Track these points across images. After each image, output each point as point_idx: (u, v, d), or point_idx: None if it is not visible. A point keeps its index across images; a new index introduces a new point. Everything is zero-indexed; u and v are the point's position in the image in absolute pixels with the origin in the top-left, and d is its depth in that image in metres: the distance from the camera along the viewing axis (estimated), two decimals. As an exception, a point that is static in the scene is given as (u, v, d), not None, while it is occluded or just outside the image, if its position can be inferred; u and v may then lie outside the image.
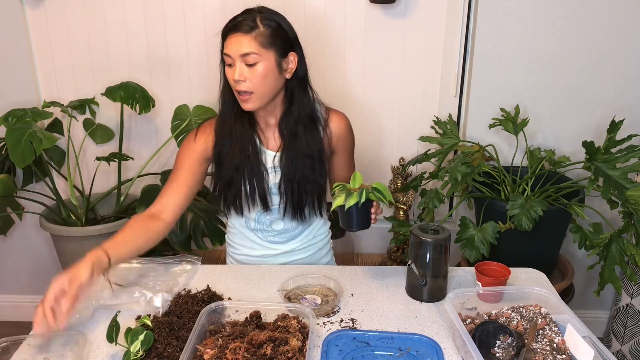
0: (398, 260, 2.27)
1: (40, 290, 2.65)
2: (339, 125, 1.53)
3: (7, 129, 1.87)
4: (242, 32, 1.33)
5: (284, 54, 1.39)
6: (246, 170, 1.47)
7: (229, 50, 1.35)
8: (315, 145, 1.48)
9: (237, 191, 1.49)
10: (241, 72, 1.34)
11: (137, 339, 1.12)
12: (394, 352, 1.19)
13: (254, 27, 1.34)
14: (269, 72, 1.36)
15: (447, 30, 2.13)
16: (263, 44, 1.34)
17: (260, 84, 1.35)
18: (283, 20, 1.41)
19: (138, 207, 1.96)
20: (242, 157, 1.46)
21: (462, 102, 2.22)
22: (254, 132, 1.49)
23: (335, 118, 1.53)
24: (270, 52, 1.35)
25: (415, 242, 1.36)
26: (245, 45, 1.33)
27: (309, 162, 1.47)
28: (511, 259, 1.62)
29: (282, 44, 1.37)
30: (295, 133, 1.46)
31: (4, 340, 1.19)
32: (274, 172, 1.50)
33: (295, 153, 1.47)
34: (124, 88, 2.07)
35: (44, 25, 2.19)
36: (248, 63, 1.34)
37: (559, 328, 1.21)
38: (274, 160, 1.49)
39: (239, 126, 1.46)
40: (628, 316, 2.20)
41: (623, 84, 2.09)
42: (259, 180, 1.48)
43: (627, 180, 1.66)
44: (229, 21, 1.38)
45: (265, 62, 1.34)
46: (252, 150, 1.47)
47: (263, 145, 1.50)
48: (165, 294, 1.34)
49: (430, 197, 1.93)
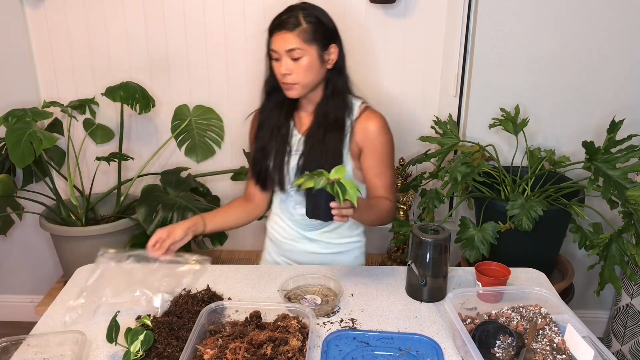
0: (398, 260, 2.27)
1: (41, 290, 2.67)
2: (368, 124, 1.54)
3: (7, 129, 1.87)
4: (286, 29, 1.43)
5: (325, 47, 1.48)
6: (273, 151, 1.58)
7: (276, 47, 1.46)
8: (335, 129, 1.53)
9: (262, 169, 1.60)
10: (287, 66, 1.46)
11: (137, 339, 1.12)
12: (394, 352, 1.19)
13: (297, 24, 1.43)
14: (312, 64, 1.46)
15: (447, 30, 2.13)
16: (306, 40, 1.43)
17: (304, 76, 1.46)
18: (323, 14, 1.50)
19: (138, 207, 1.96)
20: (271, 138, 1.58)
21: (462, 102, 2.22)
22: (290, 117, 1.60)
23: (367, 116, 1.55)
24: (312, 47, 1.45)
25: (415, 242, 1.36)
26: (290, 41, 1.43)
27: (326, 144, 1.53)
28: (511, 259, 1.62)
29: (323, 38, 1.47)
30: (324, 119, 1.53)
31: (4, 340, 1.19)
32: (296, 154, 1.57)
33: (316, 134, 1.53)
34: (124, 88, 2.07)
35: (44, 25, 2.19)
36: (293, 57, 1.44)
37: (559, 328, 1.21)
38: (299, 142, 1.57)
39: (277, 113, 1.59)
40: (628, 316, 2.20)
41: (623, 84, 2.09)
42: (281, 160, 1.57)
43: (627, 180, 1.66)
44: (274, 19, 1.47)
45: (308, 56, 1.45)
46: (283, 132, 1.58)
47: (296, 128, 1.60)
48: (165, 295, 1.34)
49: (430, 197, 1.93)
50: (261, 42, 2.18)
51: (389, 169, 1.57)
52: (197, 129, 2.25)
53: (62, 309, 1.34)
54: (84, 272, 1.53)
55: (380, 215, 1.53)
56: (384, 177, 1.56)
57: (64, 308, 1.33)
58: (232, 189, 2.37)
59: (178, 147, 2.29)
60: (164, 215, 1.94)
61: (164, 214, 1.94)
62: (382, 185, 1.56)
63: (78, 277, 1.51)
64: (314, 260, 1.64)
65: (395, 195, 1.61)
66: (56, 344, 1.20)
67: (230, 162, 2.35)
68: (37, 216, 2.15)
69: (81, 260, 1.71)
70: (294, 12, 1.45)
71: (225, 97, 2.26)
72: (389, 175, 1.58)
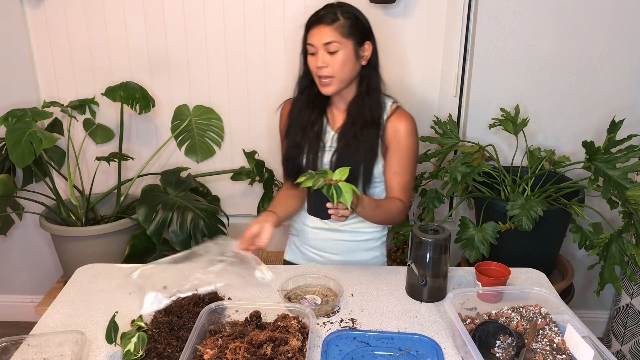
0: (398, 260, 2.27)
1: (41, 290, 2.67)
2: (400, 123, 1.57)
3: (7, 129, 1.86)
4: (325, 23, 1.48)
5: (361, 43, 1.52)
6: (306, 147, 1.61)
7: (313, 40, 1.50)
8: (370, 125, 1.55)
9: (295, 166, 1.63)
10: (323, 60, 1.49)
11: (130, 342, 1.12)
12: (394, 352, 1.19)
13: (335, 19, 1.48)
14: (347, 58, 1.49)
15: (447, 30, 2.13)
16: (343, 34, 1.48)
17: (340, 69, 1.49)
18: (359, 13, 1.55)
19: (138, 207, 1.96)
20: (304, 136, 1.61)
21: (462, 102, 2.22)
22: (323, 114, 1.63)
23: (398, 116, 1.58)
24: (349, 41, 1.49)
25: (415, 242, 1.36)
26: (327, 35, 1.47)
27: (360, 141, 1.55)
28: (511, 259, 1.62)
29: (359, 34, 1.51)
30: (358, 116, 1.56)
31: (4, 340, 1.19)
32: (330, 150, 1.60)
33: (350, 131, 1.56)
34: (124, 88, 2.07)
35: (44, 25, 2.19)
36: (330, 51, 1.48)
37: (559, 328, 1.21)
38: (332, 139, 1.60)
39: (310, 109, 1.62)
40: (628, 316, 2.20)
41: (623, 84, 2.09)
42: (315, 156, 1.60)
43: (627, 180, 1.66)
44: (312, 15, 1.52)
45: (344, 50, 1.48)
46: (317, 129, 1.61)
47: (329, 125, 1.63)
48: (159, 294, 1.33)
49: (430, 197, 1.93)
50: (261, 42, 2.19)
51: (408, 171, 1.60)
52: (197, 129, 2.25)
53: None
54: (84, 272, 1.53)
55: (389, 216, 1.56)
56: (402, 177, 1.59)
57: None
58: (232, 189, 2.37)
59: (178, 147, 2.29)
60: (164, 215, 1.94)
61: (164, 214, 1.94)
62: (399, 184, 1.58)
63: (78, 277, 1.51)
64: (338, 249, 1.66)
65: (410, 197, 1.62)
66: (56, 344, 1.20)
67: (230, 162, 2.35)
68: (37, 216, 2.15)
69: (81, 260, 1.71)
70: (332, 8, 1.51)
71: (225, 97, 2.26)
72: (408, 177, 1.60)
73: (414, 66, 2.20)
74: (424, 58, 2.18)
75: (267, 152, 2.30)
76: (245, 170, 2.22)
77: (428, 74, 2.20)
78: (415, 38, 2.15)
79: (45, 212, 2.16)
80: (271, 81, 2.23)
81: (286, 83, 2.21)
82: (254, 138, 2.31)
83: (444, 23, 2.12)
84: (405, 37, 2.15)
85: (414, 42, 2.16)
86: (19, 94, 2.25)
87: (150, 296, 1.35)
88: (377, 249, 1.72)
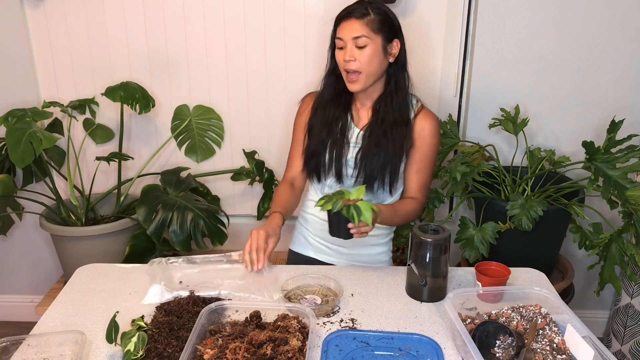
0: (398, 260, 2.27)
1: (41, 290, 2.67)
2: (427, 122, 1.59)
3: (7, 129, 1.86)
4: (355, 17, 1.48)
5: (390, 40, 1.52)
6: (329, 143, 1.61)
7: (342, 34, 1.50)
8: (400, 125, 1.56)
9: (318, 161, 1.63)
10: (351, 53, 1.49)
11: (130, 341, 1.12)
12: (394, 352, 1.19)
13: (366, 14, 1.48)
14: (375, 54, 1.49)
15: (447, 30, 2.13)
16: (373, 29, 1.48)
17: (367, 64, 1.49)
18: (390, 10, 1.55)
19: (138, 207, 1.96)
20: (328, 132, 1.61)
21: (462, 102, 2.22)
22: (348, 111, 1.63)
23: (424, 115, 1.60)
24: (378, 37, 1.49)
25: (415, 242, 1.36)
26: (357, 29, 1.47)
27: (389, 139, 1.56)
28: (511, 259, 1.62)
29: (389, 31, 1.51)
30: (384, 111, 1.57)
31: (4, 340, 1.19)
32: (355, 147, 1.60)
33: (378, 129, 1.57)
34: (124, 88, 2.07)
35: (44, 25, 2.19)
36: (358, 45, 1.48)
37: (559, 328, 1.21)
38: (357, 136, 1.61)
39: (335, 106, 1.62)
40: (628, 316, 2.20)
41: (623, 84, 2.09)
42: (339, 153, 1.61)
43: (627, 180, 1.66)
44: (343, 10, 1.52)
45: (373, 45, 1.48)
46: (341, 126, 1.62)
47: (354, 122, 1.63)
48: (163, 288, 1.35)
49: (430, 197, 1.93)
50: (261, 41, 2.19)
51: (428, 170, 1.62)
52: (197, 129, 2.25)
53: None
54: (84, 272, 1.53)
55: (407, 218, 1.60)
56: (422, 176, 1.61)
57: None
58: (232, 189, 2.37)
59: (178, 147, 2.29)
60: (164, 215, 1.94)
61: (164, 214, 1.94)
62: (418, 182, 1.61)
63: (78, 277, 1.50)
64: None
65: (426, 195, 1.65)
66: (56, 344, 1.20)
67: (230, 162, 2.35)
68: (37, 216, 2.15)
69: (81, 260, 1.71)
70: (363, 4, 1.51)
71: (225, 97, 2.26)
72: (427, 176, 1.63)
73: (414, 66, 2.19)
74: (424, 58, 2.18)
75: (267, 152, 2.30)
76: (245, 170, 2.22)
77: (428, 74, 2.20)
78: (415, 38, 2.15)
79: (45, 212, 2.16)
80: (271, 81, 2.23)
81: (286, 83, 2.21)
82: (254, 138, 2.31)
83: (444, 23, 2.12)
84: (405, 37, 2.15)
85: (414, 42, 2.16)
86: (19, 94, 2.25)
87: (155, 288, 1.36)
88: (384, 245, 1.72)
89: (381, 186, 1.60)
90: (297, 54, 2.18)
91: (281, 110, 2.25)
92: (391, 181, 1.60)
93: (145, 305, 1.36)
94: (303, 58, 2.19)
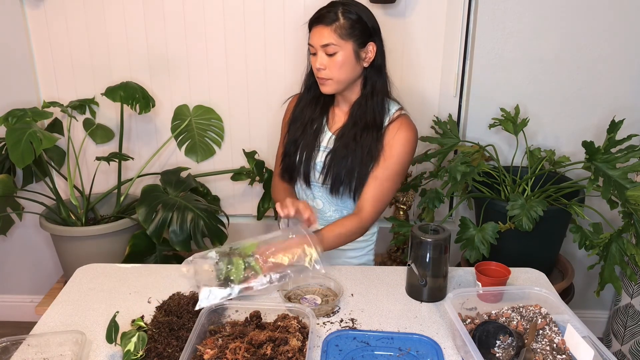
0: (398, 260, 2.27)
1: (41, 290, 2.67)
2: (399, 131, 1.52)
3: (7, 129, 1.86)
4: (323, 24, 1.44)
5: (363, 44, 1.47)
6: (301, 144, 1.60)
7: (312, 41, 1.48)
8: (371, 129, 1.53)
9: (289, 161, 1.63)
10: (321, 61, 1.47)
11: (130, 341, 1.12)
12: (394, 352, 1.19)
13: (335, 19, 1.44)
14: (346, 61, 1.46)
15: (447, 30, 2.13)
16: (342, 35, 1.44)
17: (337, 71, 1.47)
18: (365, 12, 1.49)
19: (138, 207, 1.96)
20: (302, 133, 1.60)
21: (462, 102, 2.22)
22: (325, 114, 1.62)
23: (400, 123, 1.53)
24: (348, 43, 1.45)
25: (415, 242, 1.36)
26: (325, 36, 1.44)
27: (359, 143, 1.52)
28: (511, 259, 1.62)
29: (361, 35, 1.46)
30: (359, 118, 1.54)
31: (4, 340, 1.19)
32: (326, 151, 1.58)
33: (349, 132, 1.54)
34: (124, 88, 2.07)
35: (44, 25, 2.19)
36: (328, 53, 1.45)
37: (559, 328, 1.21)
38: (329, 140, 1.59)
39: (312, 107, 1.61)
40: (628, 316, 2.20)
41: (623, 84, 2.09)
42: (308, 155, 1.59)
43: (627, 180, 1.66)
44: (314, 14, 1.48)
45: (343, 52, 1.45)
46: (315, 128, 1.60)
47: (328, 125, 1.62)
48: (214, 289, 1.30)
49: (430, 197, 1.93)
50: (261, 41, 2.19)
51: (388, 183, 1.53)
52: (197, 129, 2.25)
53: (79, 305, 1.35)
54: (84, 272, 1.53)
55: (350, 239, 1.55)
56: (380, 186, 1.53)
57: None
58: (232, 189, 2.37)
59: (178, 147, 2.29)
60: (164, 215, 1.94)
61: (164, 214, 1.94)
62: (373, 193, 1.53)
63: (78, 277, 1.50)
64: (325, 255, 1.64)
65: (378, 212, 1.56)
66: (56, 344, 1.20)
67: (230, 162, 2.35)
68: (37, 216, 2.15)
69: (81, 260, 1.71)
70: (334, 7, 1.46)
71: (225, 97, 2.26)
72: (386, 188, 1.53)
73: (414, 66, 2.20)
74: (424, 58, 2.18)
75: (267, 152, 2.30)
76: (245, 170, 2.22)
77: (428, 74, 2.20)
78: (415, 38, 2.15)
79: (45, 212, 2.16)
80: (271, 81, 2.23)
81: (286, 83, 2.21)
82: (254, 138, 2.31)
83: (444, 23, 2.12)
84: (405, 37, 2.15)
85: (413, 42, 2.16)
86: (19, 94, 2.25)
87: (205, 291, 1.29)
88: (362, 257, 1.72)
89: (347, 191, 1.57)
90: (298, 54, 2.18)
91: (281, 110, 2.24)
92: (356, 187, 1.55)
93: (145, 305, 1.36)
94: (303, 58, 2.18)
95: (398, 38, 2.15)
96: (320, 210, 1.67)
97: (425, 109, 2.24)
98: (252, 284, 1.31)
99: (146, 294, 1.41)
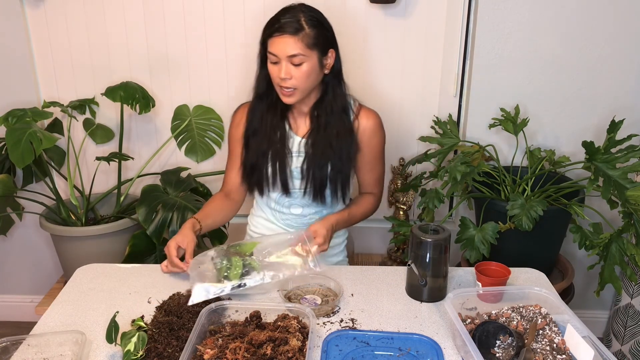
0: (398, 260, 2.27)
1: (41, 290, 2.67)
2: (368, 121, 1.57)
3: (7, 129, 1.87)
4: (288, 33, 1.39)
5: (325, 52, 1.47)
6: (270, 154, 1.55)
7: (275, 50, 1.42)
8: (344, 134, 1.54)
9: (260, 174, 1.59)
10: (287, 71, 1.42)
11: (130, 341, 1.12)
12: (394, 352, 1.19)
13: (300, 28, 1.40)
14: (312, 70, 1.44)
15: (447, 30, 2.13)
16: (309, 45, 1.41)
17: (304, 81, 1.44)
18: (323, 17, 1.47)
19: (138, 207, 1.96)
20: (268, 143, 1.56)
21: (462, 102, 2.22)
22: (285, 119, 1.58)
23: (366, 114, 1.58)
24: (314, 52, 1.43)
25: (415, 242, 1.36)
26: (292, 47, 1.39)
27: (335, 149, 1.53)
28: (511, 259, 1.62)
29: (324, 43, 1.45)
30: (325, 120, 1.53)
31: (4, 340, 1.19)
32: (298, 156, 1.56)
33: (322, 139, 1.53)
34: (124, 88, 2.07)
35: (44, 25, 2.19)
36: (294, 63, 1.41)
37: (559, 328, 1.21)
38: (299, 144, 1.56)
39: (271, 115, 1.56)
40: (628, 316, 2.20)
41: (623, 84, 2.09)
42: (282, 163, 1.56)
43: (627, 180, 1.66)
44: (274, 21, 1.43)
45: (309, 62, 1.43)
46: (280, 135, 1.56)
47: (292, 130, 1.58)
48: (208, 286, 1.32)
49: (430, 197, 1.93)
50: (261, 42, 2.19)
51: (380, 165, 1.64)
52: (197, 129, 2.25)
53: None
54: (84, 272, 1.53)
55: (364, 216, 1.64)
56: (376, 172, 1.64)
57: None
58: (232, 189, 2.37)
59: (178, 147, 2.29)
60: (164, 215, 1.94)
61: (164, 214, 1.94)
62: (374, 179, 1.64)
63: (78, 277, 1.50)
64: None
65: (382, 186, 1.68)
66: (56, 344, 1.20)
67: (230, 162, 2.35)
68: (37, 216, 2.15)
69: (81, 260, 1.71)
70: (294, 14, 1.41)
71: (225, 97, 2.26)
72: (380, 171, 1.66)
73: (414, 66, 2.20)
74: (424, 58, 2.18)
75: (267, 152, 2.30)
76: (245, 170, 2.22)
77: (428, 74, 2.20)
78: (415, 38, 2.15)
79: (45, 212, 2.16)
80: (271, 81, 2.23)
81: (286, 83, 2.21)
82: (254, 138, 2.31)
83: (444, 23, 2.12)
84: (405, 37, 2.15)
85: (414, 42, 2.16)
86: (19, 94, 2.25)
87: (198, 287, 1.32)
88: (339, 254, 1.75)
89: (333, 195, 1.60)
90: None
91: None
92: (343, 190, 1.59)
93: (145, 305, 1.36)
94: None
95: (398, 38, 2.15)
96: (299, 215, 1.66)
97: (425, 109, 2.24)
98: (245, 280, 1.33)
99: (146, 294, 1.41)
